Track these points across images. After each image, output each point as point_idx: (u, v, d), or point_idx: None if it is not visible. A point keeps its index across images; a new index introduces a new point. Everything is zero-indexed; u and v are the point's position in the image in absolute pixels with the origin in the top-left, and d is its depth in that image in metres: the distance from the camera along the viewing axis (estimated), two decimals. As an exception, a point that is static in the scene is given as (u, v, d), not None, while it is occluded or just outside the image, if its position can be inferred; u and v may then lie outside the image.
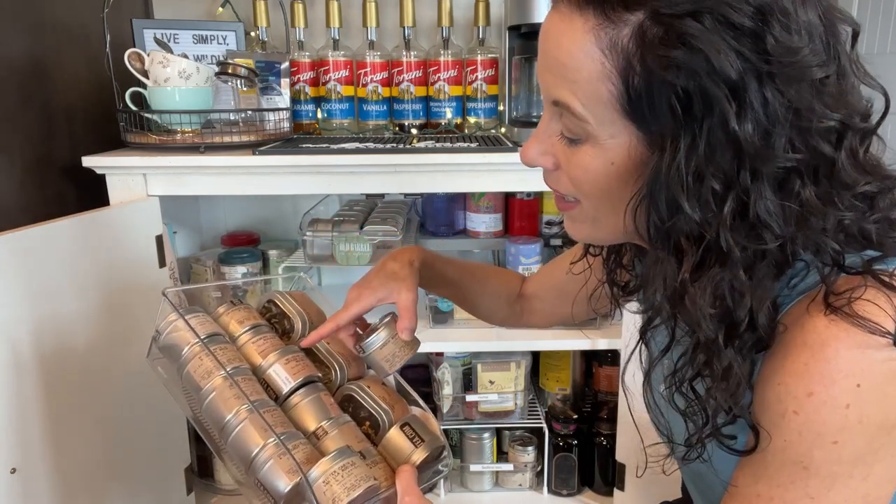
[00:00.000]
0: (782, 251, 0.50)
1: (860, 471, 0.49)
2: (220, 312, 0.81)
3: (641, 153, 0.51)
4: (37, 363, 1.02)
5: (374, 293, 0.77)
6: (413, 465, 0.69)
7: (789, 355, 0.49)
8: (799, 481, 0.49)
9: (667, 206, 0.49)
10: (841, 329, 0.47)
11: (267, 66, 1.42)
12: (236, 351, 0.76)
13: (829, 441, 0.48)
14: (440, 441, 0.71)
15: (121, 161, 1.24)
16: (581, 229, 0.61)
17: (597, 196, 0.56)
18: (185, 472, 1.40)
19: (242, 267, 1.50)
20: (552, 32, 0.52)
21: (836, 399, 0.47)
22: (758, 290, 0.49)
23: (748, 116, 0.45)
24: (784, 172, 0.48)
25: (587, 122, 0.51)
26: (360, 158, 1.26)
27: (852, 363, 0.46)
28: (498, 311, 0.98)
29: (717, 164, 0.47)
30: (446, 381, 1.52)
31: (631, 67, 0.48)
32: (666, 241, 0.51)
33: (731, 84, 0.45)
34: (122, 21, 1.38)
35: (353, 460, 0.64)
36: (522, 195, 1.55)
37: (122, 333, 1.19)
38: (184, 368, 0.73)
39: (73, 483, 1.09)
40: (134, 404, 1.22)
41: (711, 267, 0.49)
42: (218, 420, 0.69)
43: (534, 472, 1.62)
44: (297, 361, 0.76)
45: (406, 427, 0.71)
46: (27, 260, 1.00)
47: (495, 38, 1.57)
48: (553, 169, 0.58)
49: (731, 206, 0.47)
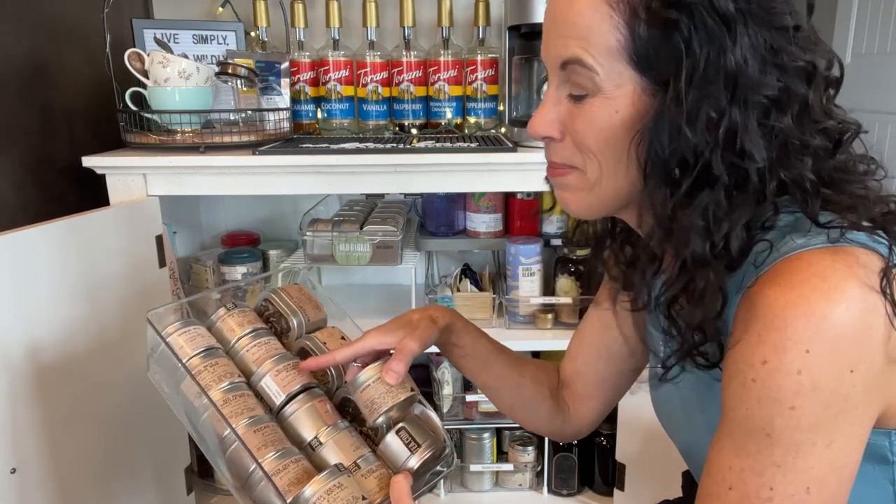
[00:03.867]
0: (761, 180, 0.55)
1: (822, 437, 0.51)
2: (218, 316, 0.81)
3: (645, 102, 0.56)
4: (36, 363, 1.02)
5: (383, 336, 0.76)
6: (408, 472, 0.69)
7: (747, 328, 0.52)
8: (765, 450, 0.52)
9: (668, 134, 0.54)
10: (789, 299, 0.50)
11: (267, 66, 1.42)
12: (231, 364, 0.76)
13: (787, 407, 0.50)
14: (439, 442, 0.71)
15: (121, 161, 1.24)
16: (577, 198, 0.64)
17: (602, 152, 0.59)
18: (185, 472, 1.40)
19: (242, 267, 1.50)
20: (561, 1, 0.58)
21: (788, 365, 0.50)
22: (734, 214, 0.55)
23: (739, 48, 0.52)
24: (766, 105, 0.54)
25: (596, 72, 0.56)
26: (360, 158, 1.26)
27: (800, 331, 0.49)
28: (542, 403, 0.88)
29: (712, 93, 0.53)
30: (446, 381, 1.53)
31: (637, 16, 0.54)
32: (662, 170, 0.56)
33: (725, 19, 0.52)
34: (122, 21, 1.38)
35: (341, 482, 0.64)
36: (522, 195, 1.55)
37: (121, 333, 1.19)
38: (178, 384, 0.74)
39: (72, 483, 1.09)
40: (134, 405, 1.22)
41: (701, 190, 0.55)
42: (213, 439, 0.70)
43: (534, 472, 1.62)
44: (287, 371, 0.75)
45: (402, 431, 0.71)
46: (27, 260, 1.00)
47: (495, 38, 1.57)
48: (560, 139, 0.62)
49: (723, 132, 0.53)
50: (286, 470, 0.66)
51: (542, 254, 1.50)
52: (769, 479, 0.52)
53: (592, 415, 0.89)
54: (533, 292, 1.49)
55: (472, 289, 1.53)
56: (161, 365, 0.76)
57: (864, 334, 0.50)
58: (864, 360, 0.50)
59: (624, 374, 0.86)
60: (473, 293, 1.52)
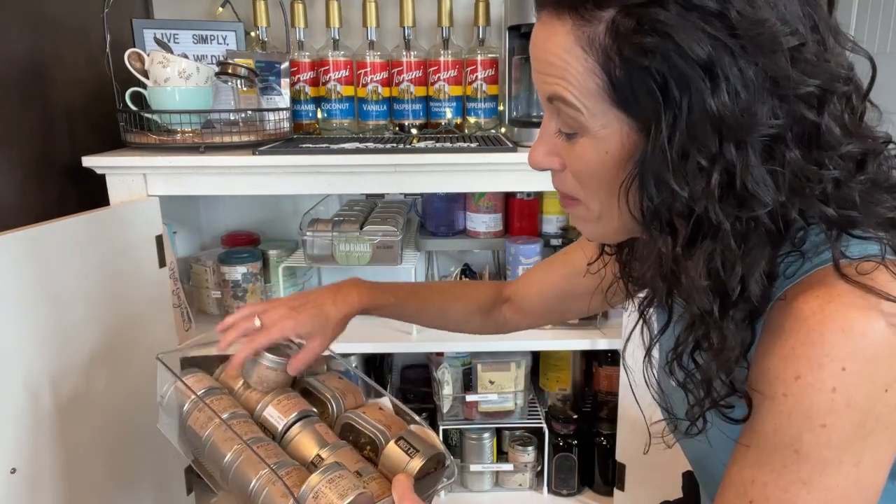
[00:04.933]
0: (773, 220, 0.51)
1: (851, 457, 0.49)
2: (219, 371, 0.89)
3: (633, 140, 0.53)
4: (36, 363, 1.02)
5: (297, 327, 0.82)
6: (409, 473, 0.69)
7: (779, 339, 0.50)
8: (791, 465, 0.50)
9: (655, 185, 0.51)
10: (826, 314, 0.48)
11: (267, 66, 1.42)
12: (233, 399, 0.82)
13: (818, 424, 0.48)
14: (437, 449, 0.72)
15: (121, 161, 1.24)
16: (589, 228, 0.63)
17: (596, 188, 0.57)
18: (185, 472, 1.40)
19: (242, 267, 1.50)
20: (538, 40, 0.56)
21: (823, 382, 0.48)
22: (747, 259, 0.51)
23: (723, 90, 0.48)
24: (769, 140, 0.49)
25: (581, 112, 0.54)
26: (360, 158, 1.26)
27: (837, 347, 0.47)
28: (470, 324, 1.00)
29: (699, 139, 0.49)
30: (446, 381, 1.53)
31: (610, 60, 0.51)
32: (657, 220, 0.53)
33: (702, 63, 0.47)
34: (122, 21, 1.38)
35: (342, 472, 0.66)
36: (522, 195, 1.55)
37: (122, 333, 1.19)
38: (185, 422, 0.79)
39: (73, 483, 1.09)
40: (134, 404, 1.22)
41: (703, 240, 0.51)
42: (218, 462, 0.74)
43: (534, 472, 1.62)
44: (288, 400, 0.81)
45: (401, 441, 0.73)
46: (27, 260, 1.00)
47: (495, 38, 1.57)
48: (560, 170, 0.60)
49: (718, 179, 0.49)
50: (288, 476, 0.68)
51: (542, 254, 1.49)
52: (793, 495, 0.50)
53: (523, 326, 1.00)
54: (533, 292, 1.48)
55: (472, 289, 1.53)
56: (168, 411, 0.84)
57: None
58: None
59: (571, 311, 0.94)
60: (473, 293, 1.52)
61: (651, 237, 0.55)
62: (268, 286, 1.57)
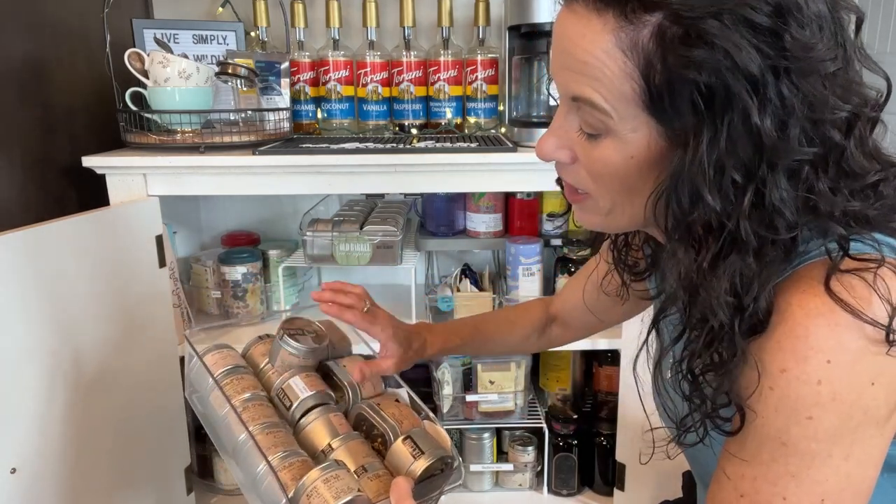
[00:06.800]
0: (792, 238, 0.51)
1: (839, 450, 0.49)
2: (251, 344, 0.91)
3: (661, 147, 0.52)
4: (36, 363, 1.02)
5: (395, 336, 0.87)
6: (410, 476, 0.69)
7: (764, 333, 0.51)
8: (780, 458, 0.50)
9: (689, 198, 0.51)
10: (812, 307, 0.48)
11: (267, 66, 1.42)
12: (255, 380, 0.84)
13: (804, 416, 0.49)
14: (443, 452, 0.72)
15: (121, 161, 1.24)
16: (593, 220, 0.63)
17: (616, 189, 0.57)
18: (185, 472, 1.40)
19: (242, 267, 1.50)
20: (570, 33, 0.53)
21: (808, 375, 0.48)
22: (763, 274, 0.51)
23: (768, 110, 0.47)
24: (797, 163, 0.49)
25: (610, 116, 0.53)
26: (360, 158, 1.26)
27: (822, 340, 0.48)
28: (530, 346, 1.05)
29: (737, 156, 0.48)
30: (446, 381, 1.52)
31: (652, 66, 0.49)
32: (685, 231, 0.52)
33: (751, 79, 0.47)
34: (122, 21, 1.38)
35: (339, 472, 0.66)
36: (522, 195, 1.55)
37: (122, 333, 1.19)
38: (207, 398, 0.81)
39: (73, 483, 1.09)
40: (134, 404, 1.22)
41: (728, 255, 0.51)
42: (232, 441, 0.75)
43: (534, 472, 1.62)
44: (312, 378, 0.83)
45: (408, 440, 0.72)
46: (27, 260, 1.00)
47: (495, 38, 1.57)
48: (570, 162, 0.59)
49: (751, 197, 0.49)
50: (291, 467, 0.69)
51: (542, 254, 1.50)
52: (782, 488, 0.50)
53: (569, 340, 1.04)
54: (533, 292, 1.49)
55: (472, 289, 1.53)
56: (194, 383, 0.86)
57: (886, 346, 0.48)
58: (885, 373, 0.48)
59: (610, 319, 0.96)
60: (473, 293, 1.52)
61: (674, 247, 0.54)
62: (268, 286, 1.57)
